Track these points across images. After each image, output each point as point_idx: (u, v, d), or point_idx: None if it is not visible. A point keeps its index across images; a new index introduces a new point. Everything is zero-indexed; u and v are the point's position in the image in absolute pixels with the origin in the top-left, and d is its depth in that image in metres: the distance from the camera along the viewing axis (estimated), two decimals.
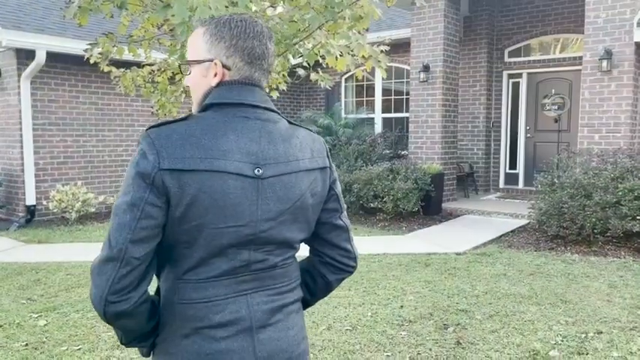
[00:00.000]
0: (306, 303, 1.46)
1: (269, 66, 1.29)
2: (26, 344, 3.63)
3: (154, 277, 1.25)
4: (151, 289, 1.26)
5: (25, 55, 7.74)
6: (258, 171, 1.18)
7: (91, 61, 2.98)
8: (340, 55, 2.40)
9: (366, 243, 6.65)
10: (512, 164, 10.23)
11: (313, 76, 2.92)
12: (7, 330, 3.89)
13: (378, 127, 11.04)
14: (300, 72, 2.97)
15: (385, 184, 7.77)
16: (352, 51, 2.40)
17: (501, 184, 10.30)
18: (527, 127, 9.96)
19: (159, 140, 1.13)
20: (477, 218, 8.03)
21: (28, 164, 7.92)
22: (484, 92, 10.03)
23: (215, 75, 1.23)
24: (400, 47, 10.02)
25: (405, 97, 10.74)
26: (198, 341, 1.18)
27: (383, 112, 11.17)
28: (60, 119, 8.28)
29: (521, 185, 10.08)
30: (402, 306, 4.33)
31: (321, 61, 2.47)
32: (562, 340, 3.60)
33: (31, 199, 7.96)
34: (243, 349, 1.19)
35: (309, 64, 2.62)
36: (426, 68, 8.68)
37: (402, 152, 9.86)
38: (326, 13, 1.99)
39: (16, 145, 7.94)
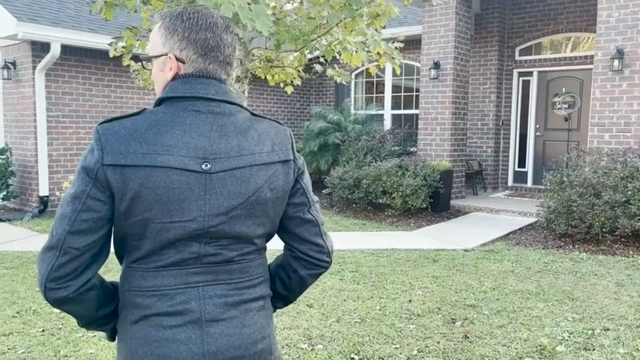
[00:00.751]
0: (286, 299, 1.44)
1: (226, 57, 1.26)
2: (43, 330, 3.72)
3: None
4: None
5: (40, 48, 7.84)
6: (206, 165, 1.16)
7: (111, 55, 3.05)
8: (355, 52, 2.46)
9: (375, 238, 6.70)
10: (521, 162, 10.23)
11: (329, 71, 2.97)
12: (23, 316, 3.98)
13: (388, 124, 11.07)
14: (318, 67, 3.01)
15: (394, 180, 7.81)
16: (368, 47, 2.45)
17: (510, 182, 10.31)
18: (537, 126, 9.95)
19: (105, 136, 1.14)
20: (485, 216, 8.06)
21: (42, 155, 8.03)
22: (494, 90, 10.03)
23: (170, 69, 1.23)
24: (411, 44, 10.03)
25: (414, 93, 10.76)
26: (145, 328, 1.19)
27: (392, 109, 11.20)
28: (73, 111, 8.38)
29: (529, 184, 10.08)
30: (410, 300, 4.39)
31: (337, 57, 2.52)
32: (569, 336, 3.65)
33: (44, 190, 8.08)
34: (190, 340, 1.18)
35: (326, 60, 2.67)
36: (436, 65, 8.70)
37: (411, 149, 9.89)
38: (344, 10, 2.03)
39: (30, 137, 8.06)
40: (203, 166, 1.16)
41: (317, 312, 4.09)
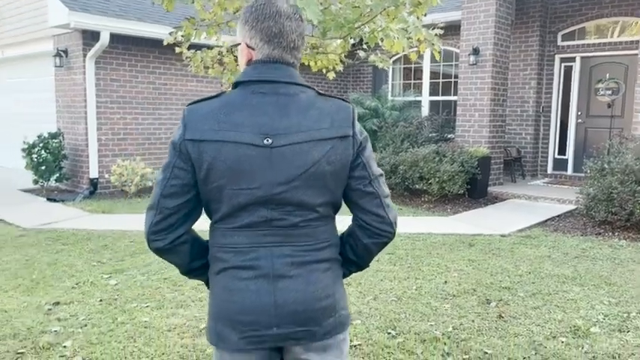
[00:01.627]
0: (357, 265, 1.56)
1: (290, 42, 1.39)
2: (100, 300, 4.02)
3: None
4: None
5: (90, 36, 8.19)
6: (268, 141, 1.32)
7: (165, 43, 3.26)
8: (397, 38, 2.58)
9: (411, 223, 6.80)
10: (562, 150, 10.08)
11: (372, 57, 3.10)
12: (82, 287, 4.29)
13: (425, 110, 11.06)
14: (361, 54, 3.15)
15: (431, 166, 7.86)
16: (409, 34, 2.56)
17: (549, 170, 10.19)
18: (579, 113, 9.78)
19: (189, 115, 1.36)
20: (523, 202, 8.03)
21: (92, 139, 8.43)
22: (535, 76, 9.89)
23: (244, 55, 1.42)
24: (450, 30, 9.97)
25: (453, 80, 10.71)
26: (225, 278, 1.39)
27: (430, 95, 11.18)
28: (120, 97, 8.74)
29: (570, 171, 9.94)
30: (445, 281, 4.50)
31: (380, 43, 2.65)
32: (604, 319, 3.70)
33: (94, 173, 8.48)
34: (259, 291, 1.35)
35: (369, 46, 2.80)
36: (475, 51, 8.66)
37: (449, 135, 9.88)
38: None
39: (81, 122, 8.45)
40: (265, 141, 1.32)
41: (355, 290, 4.26)
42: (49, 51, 8.88)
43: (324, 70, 3.43)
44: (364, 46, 2.85)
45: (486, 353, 3.20)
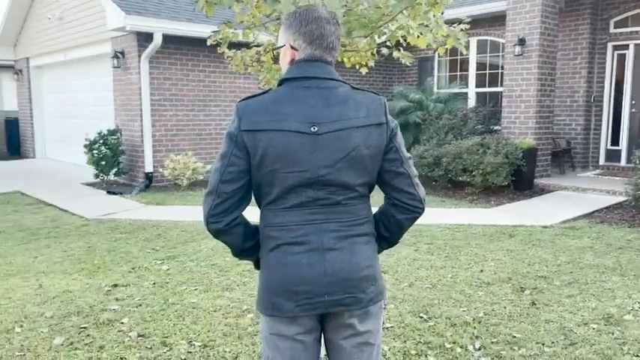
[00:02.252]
0: (389, 240, 1.73)
1: (329, 44, 1.58)
2: (154, 283, 4.35)
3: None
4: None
5: (144, 38, 8.66)
6: (314, 128, 1.49)
7: (208, 43, 3.52)
8: (420, 35, 2.72)
9: (452, 214, 6.85)
10: (615, 140, 9.79)
11: (395, 53, 3.25)
12: (138, 272, 4.66)
13: (472, 102, 10.97)
14: (384, 50, 3.31)
15: (475, 158, 7.86)
16: (432, 30, 2.69)
17: (601, 161, 9.92)
18: (633, 102, 9.46)
19: (242, 109, 1.53)
20: (570, 194, 7.90)
21: (147, 136, 8.92)
22: (585, 65, 9.63)
23: (288, 56, 1.60)
24: (496, 20, 9.89)
25: (499, 71, 10.58)
26: (278, 254, 1.55)
27: (477, 87, 11.08)
28: (173, 95, 9.19)
29: (623, 162, 9.64)
30: (481, 270, 4.58)
31: (401, 40, 2.81)
32: (639, 307, 3.69)
33: (149, 167, 8.98)
34: (311, 263, 1.53)
35: (392, 44, 2.96)
36: (521, 42, 8.54)
37: (495, 127, 9.78)
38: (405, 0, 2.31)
39: (137, 119, 8.96)
40: (312, 129, 1.50)
41: (391, 277, 4.41)
42: (107, 52, 9.44)
43: (357, 66, 3.60)
44: (387, 44, 3.01)
45: (515, 337, 3.29)
